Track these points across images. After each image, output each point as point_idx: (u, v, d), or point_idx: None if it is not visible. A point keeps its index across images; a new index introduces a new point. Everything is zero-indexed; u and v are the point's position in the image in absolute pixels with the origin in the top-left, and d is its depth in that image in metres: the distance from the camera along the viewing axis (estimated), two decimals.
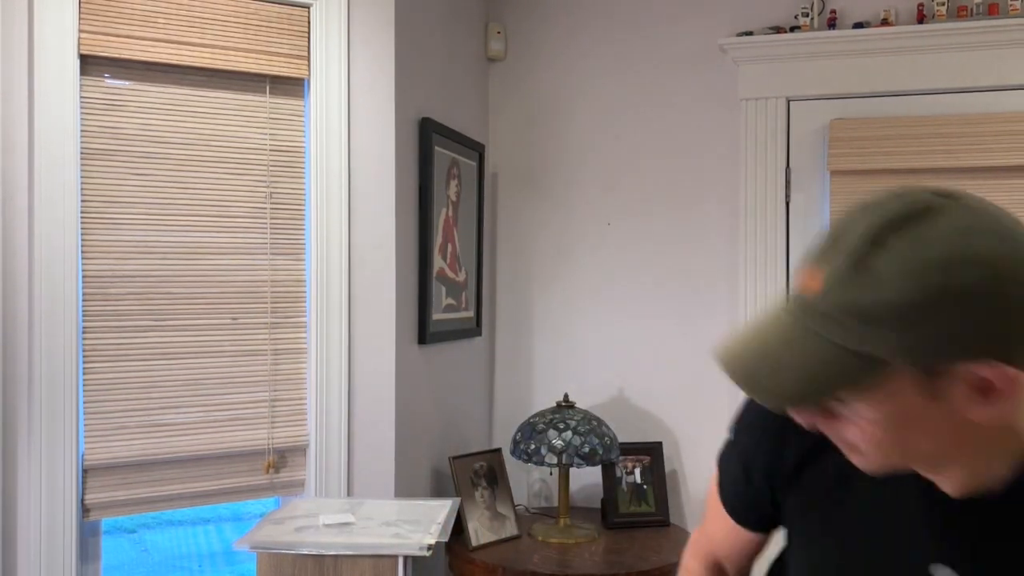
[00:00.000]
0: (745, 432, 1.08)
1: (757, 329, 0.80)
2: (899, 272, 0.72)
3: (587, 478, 3.07)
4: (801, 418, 0.84)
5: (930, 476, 0.88)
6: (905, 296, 0.72)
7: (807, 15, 2.80)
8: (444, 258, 2.77)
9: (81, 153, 2.13)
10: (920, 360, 0.74)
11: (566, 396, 2.77)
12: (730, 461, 1.12)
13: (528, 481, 3.16)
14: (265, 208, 2.36)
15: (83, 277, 2.14)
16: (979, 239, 0.72)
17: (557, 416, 2.67)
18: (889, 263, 0.72)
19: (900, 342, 0.73)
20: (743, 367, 0.79)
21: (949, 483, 0.87)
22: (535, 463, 2.60)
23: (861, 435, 0.81)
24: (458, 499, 2.27)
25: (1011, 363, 0.74)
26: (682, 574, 1.30)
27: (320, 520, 2.00)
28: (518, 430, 2.72)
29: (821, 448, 0.96)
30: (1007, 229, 0.74)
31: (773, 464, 1.04)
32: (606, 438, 2.65)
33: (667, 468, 2.94)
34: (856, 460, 0.85)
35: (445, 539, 1.93)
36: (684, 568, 1.29)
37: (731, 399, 2.93)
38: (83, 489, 2.14)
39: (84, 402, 2.14)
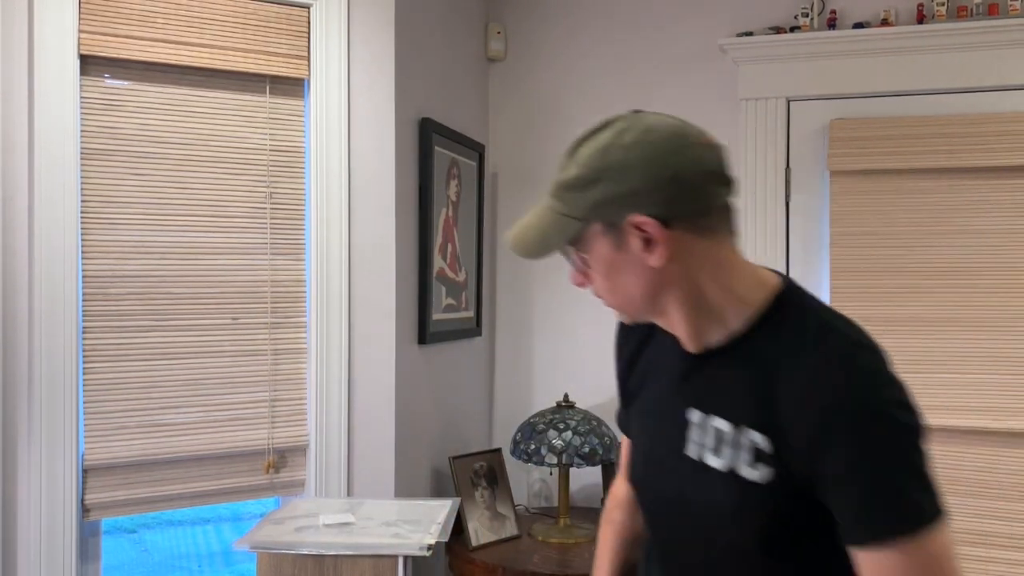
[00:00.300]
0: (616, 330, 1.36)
1: (527, 215, 1.14)
2: (580, 158, 1.07)
3: (587, 478, 3.07)
4: (573, 279, 1.14)
5: (671, 330, 1.14)
6: (581, 171, 1.06)
7: (807, 15, 2.79)
8: (444, 258, 2.77)
9: (81, 153, 2.13)
10: (600, 216, 1.05)
11: (566, 396, 2.77)
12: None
13: (528, 481, 3.16)
14: (265, 208, 2.36)
15: (83, 277, 2.14)
16: (629, 135, 1.04)
17: (557, 416, 2.67)
18: (577, 155, 1.07)
19: (584, 202, 1.05)
20: (514, 237, 1.12)
21: (687, 337, 1.12)
22: (535, 463, 2.60)
23: (595, 283, 1.11)
24: (458, 499, 2.27)
25: (669, 226, 1.03)
26: (604, 515, 1.47)
27: (320, 520, 2.00)
28: (518, 430, 2.72)
29: (649, 335, 1.25)
30: (656, 128, 1.05)
31: (621, 351, 1.32)
32: (606, 438, 2.65)
33: None
34: (614, 310, 1.15)
35: (445, 539, 1.93)
36: (605, 511, 1.48)
37: None
38: (83, 489, 2.14)
39: (84, 402, 2.14)
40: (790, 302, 1.11)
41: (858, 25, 2.77)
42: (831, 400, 0.98)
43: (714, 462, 1.08)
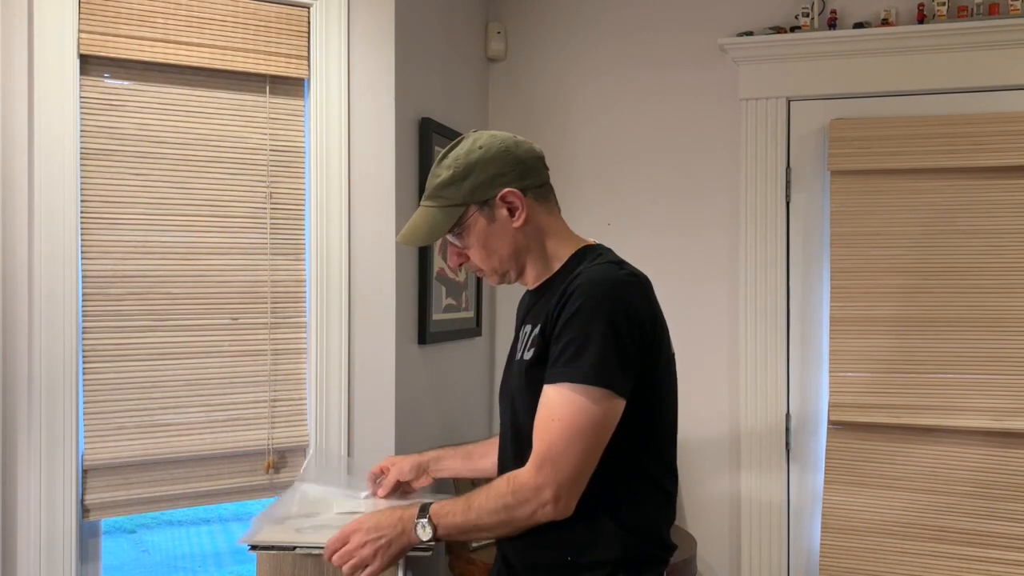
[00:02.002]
0: None
1: (411, 219, 1.53)
2: (447, 164, 1.50)
3: None
4: (451, 262, 1.56)
5: (522, 280, 1.56)
6: (454, 172, 1.49)
7: (807, 15, 2.79)
8: (444, 258, 2.77)
9: (81, 153, 2.13)
10: (476, 198, 1.48)
11: None
12: None
13: None
14: (265, 208, 2.36)
15: (83, 277, 2.13)
16: (480, 140, 1.51)
17: None
18: (444, 163, 1.51)
19: (462, 192, 1.48)
20: (404, 235, 1.53)
21: (531, 279, 1.56)
22: None
23: (473, 256, 1.52)
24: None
25: (524, 194, 1.49)
26: None
27: (333, 508, 1.99)
28: None
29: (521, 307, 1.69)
30: (497, 134, 1.52)
31: (518, 314, 1.71)
32: None
33: None
34: (488, 280, 1.57)
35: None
36: None
37: (731, 397, 2.93)
38: (83, 489, 2.14)
39: (84, 402, 2.13)
40: (587, 252, 1.53)
41: (858, 25, 2.77)
42: (575, 289, 1.39)
43: (519, 355, 1.51)
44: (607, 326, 1.36)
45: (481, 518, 1.42)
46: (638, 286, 1.44)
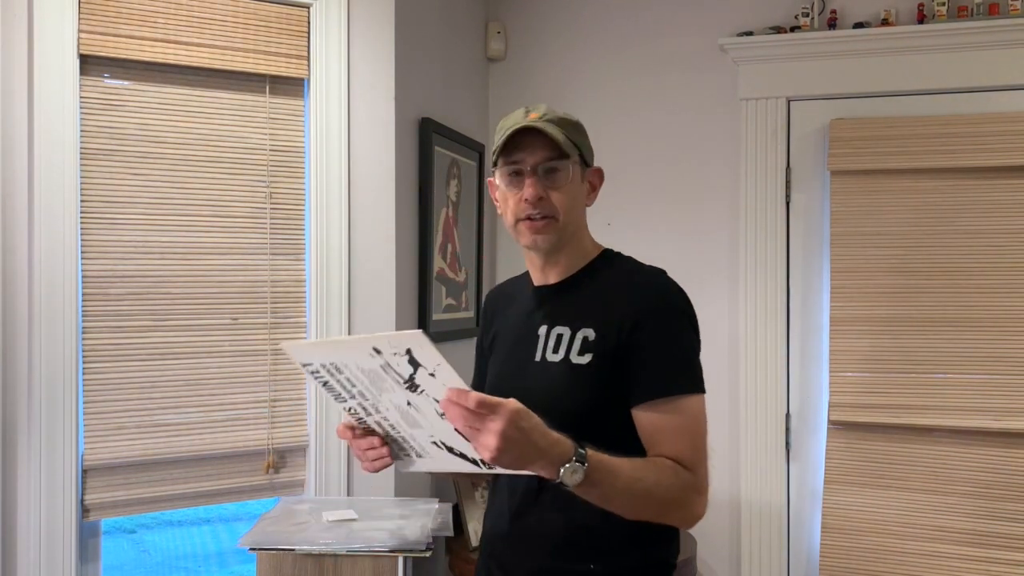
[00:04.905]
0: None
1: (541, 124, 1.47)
2: (566, 117, 1.47)
3: None
4: (532, 194, 1.43)
5: (543, 262, 1.50)
6: (576, 120, 1.49)
7: (807, 15, 2.79)
8: (444, 258, 2.76)
9: (81, 153, 2.13)
10: (585, 154, 1.48)
11: None
12: None
13: None
14: (265, 208, 2.36)
15: (83, 277, 2.14)
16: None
17: None
18: (556, 112, 1.48)
19: (579, 140, 1.47)
20: (539, 116, 1.47)
21: (553, 271, 1.50)
22: None
23: (561, 199, 1.43)
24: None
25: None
26: None
27: (324, 517, 2.00)
28: None
29: (496, 309, 1.65)
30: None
31: (485, 315, 1.69)
32: None
33: None
34: (546, 234, 1.44)
35: (448, 533, 1.93)
36: None
37: (731, 396, 2.93)
38: (83, 489, 2.14)
39: (84, 402, 2.14)
40: (612, 254, 1.53)
41: (858, 25, 2.77)
42: (651, 300, 1.41)
43: (553, 358, 1.44)
44: (693, 332, 1.45)
45: (644, 497, 1.32)
46: (684, 292, 1.49)
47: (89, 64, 2.14)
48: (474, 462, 1.25)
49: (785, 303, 2.86)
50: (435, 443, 1.29)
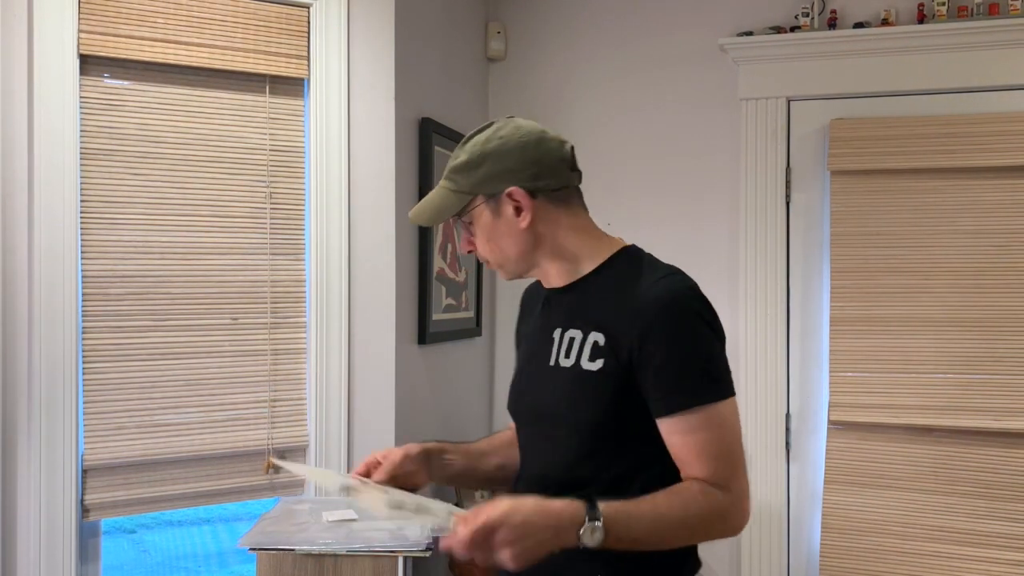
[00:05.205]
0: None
1: (428, 195, 1.46)
2: (467, 148, 1.41)
3: None
4: (462, 248, 1.47)
5: (539, 276, 1.48)
6: (469, 157, 1.39)
7: (807, 15, 2.79)
8: (444, 258, 2.76)
9: (81, 153, 2.13)
10: (483, 189, 1.38)
11: None
12: None
13: None
14: (265, 208, 2.36)
15: (83, 277, 2.14)
16: (504, 130, 1.40)
17: None
18: (465, 147, 1.42)
19: (472, 180, 1.39)
20: (415, 212, 1.46)
21: (555, 277, 1.45)
22: None
23: (480, 247, 1.43)
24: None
25: (534, 196, 1.38)
26: None
27: (324, 517, 2.00)
28: None
29: (530, 305, 1.61)
30: (523, 126, 1.41)
31: (522, 312, 1.69)
32: None
33: None
34: (501, 272, 1.47)
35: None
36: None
37: None
38: (83, 489, 2.14)
39: (84, 402, 2.14)
40: (629, 253, 1.45)
41: (858, 25, 2.76)
42: (655, 306, 1.32)
43: (565, 363, 1.39)
44: (714, 336, 1.34)
45: (676, 532, 1.31)
46: (702, 294, 1.39)
47: (89, 64, 2.14)
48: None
49: (785, 303, 2.86)
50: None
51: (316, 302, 2.38)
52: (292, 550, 1.84)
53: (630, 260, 1.43)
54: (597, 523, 1.20)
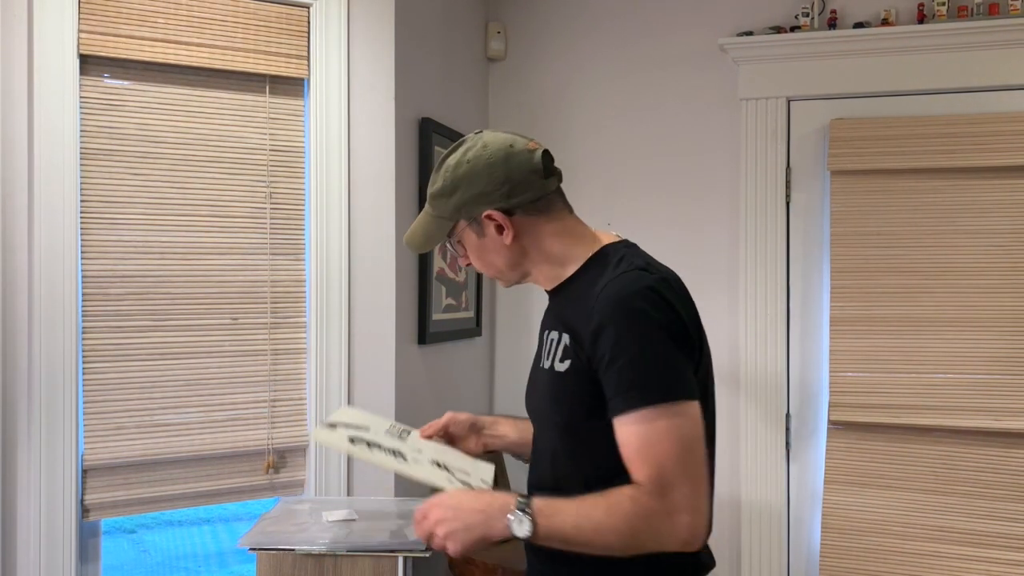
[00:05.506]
0: None
1: (416, 220, 1.51)
2: (441, 173, 1.45)
3: None
4: (460, 262, 1.54)
5: (533, 282, 1.52)
6: (443, 184, 1.44)
7: (807, 15, 2.79)
8: (444, 258, 2.77)
9: (81, 153, 2.13)
10: (463, 215, 1.44)
11: None
12: None
13: None
14: (265, 208, 2.36)
15: (83, 277, 2.14)
16: (471, 151, 1.43)
17: None
18: (440, 171, 1.46)
19: (450, 207, 1.44)
20: (407, 238, 1.52)
21: (544, 282, 1.50)
22: None
23: (476, 261, 1.50)
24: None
25: (512, 214, 1.42)
26: None
27: (324, 517, 2.00)
28: None
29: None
30: (490, 143, 1.43)
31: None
32: None
33: None
34: (499, 283, 1.55)
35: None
36: None
37: (730, 395, 2.93)
38: (83, 489, 2.14)
39: (84, 402, 2.14)
40: (608, 252, 1.45)
41: (858, 25, 2.77)
42: (604, 304, 1.31)
43: (547, 364, 1.45)
44: (659, 335, 1.29)
45: (601, 534, 1.27)
46: (669, 289, 1.35)
47: (89, 64, 2.14)
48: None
49: (785, 303, 2.86)
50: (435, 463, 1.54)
51: (316, 302, 2.38)
52: (292, 550, 1.84)
53: (604, 259, 1.43)
54: (524, 513, 1.25)
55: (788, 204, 2.87)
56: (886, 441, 2.68)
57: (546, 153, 1.46)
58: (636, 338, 1.28)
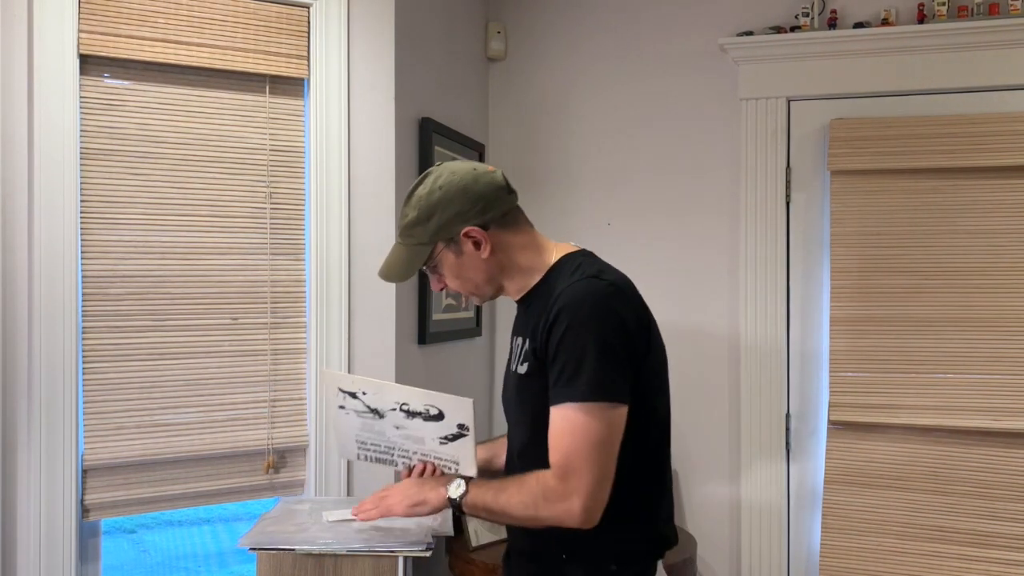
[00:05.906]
0: None
1: (388, 255, 1.62)
2: (413, 204, 1.58)
3: None
4: (434, 287, 1.65)
5: (505, 294, 1.65)
6: (419, 212, 1.56)
7: (807, 15, 2.79)
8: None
9: (81, 153, 2.13)
10: (441, 237, 1.56)
11: None
12: None
13: None
14: (265, 208, 2.36)
15: (83, 277, 2.14)
16: (441, 179, 1.56)
17: None
18: (410, 203, 1.58)
19: (428, 231, 1.55)
20: (385, 272, 1.62)
21: (514, 292, 1.63)
22: None
23: (450, 284, 1.62)
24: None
25: (487, 228, 1.55)
26: None
27: (324, 517, 2.00)
28: None
29: None
30: (457, 171, 1.57)
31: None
32: None
33: None
34: (473, 300, 1.68)
35: (449, 533, 1.91)
36: None
37: (731, 396, 2.93)
38: (83, 489, 2.14)
39: (84, 402, 2.14)
40: (567, 261, 1.59)
41: (858, 25, 2.77)
42: (554, 310, 1.46)
43: (513, 368, 1.61)
44: (597, 341, 1.43)
45: (512, 507, 1.50)
46: (619, 295, 1.49)
47: (89, 64, 2.14)
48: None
49: (785, 303, 2.86)
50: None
51: (316, 302, 2.38)
52: (292, 550, 1.84)
53: (561, 268, 1.57)
54: (460, 480, 1.57)
55: (788, 204, 2.87)
56: (886, 441, 2.68)
57: (503, 173, 1.63)
58: (576, 340, 1.43)
